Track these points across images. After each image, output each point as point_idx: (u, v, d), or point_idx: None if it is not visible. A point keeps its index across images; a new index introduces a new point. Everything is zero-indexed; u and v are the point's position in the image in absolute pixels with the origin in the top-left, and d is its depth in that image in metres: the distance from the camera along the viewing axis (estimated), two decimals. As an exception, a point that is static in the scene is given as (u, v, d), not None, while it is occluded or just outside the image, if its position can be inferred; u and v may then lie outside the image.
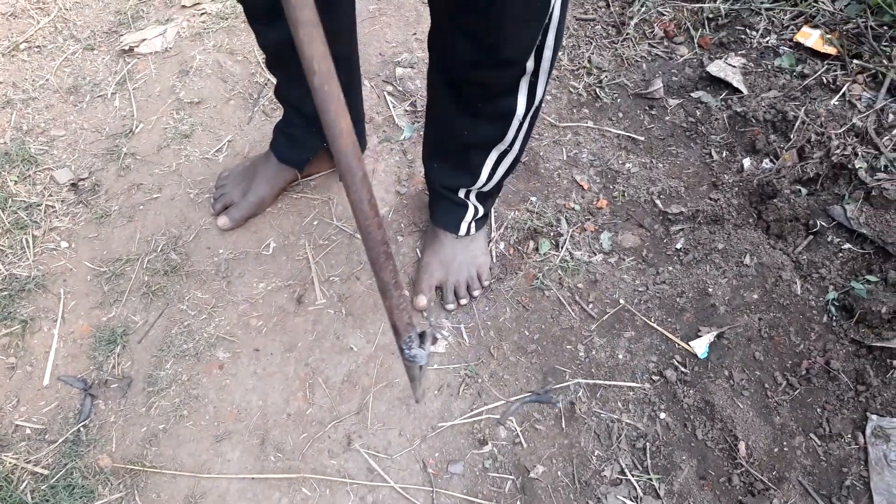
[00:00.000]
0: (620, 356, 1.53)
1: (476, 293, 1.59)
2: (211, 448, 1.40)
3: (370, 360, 1.51)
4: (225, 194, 1.68)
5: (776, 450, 1.40)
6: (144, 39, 2.05)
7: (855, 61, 1.87)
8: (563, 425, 1.44)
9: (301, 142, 1.63)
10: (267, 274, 1.62)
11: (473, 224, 1.57)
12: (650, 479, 1.38)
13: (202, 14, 2.14)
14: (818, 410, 1.44)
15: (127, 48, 2.03)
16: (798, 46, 1.99)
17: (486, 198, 1.53)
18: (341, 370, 1.50)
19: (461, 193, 1.49)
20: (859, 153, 1.65)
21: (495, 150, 1.34)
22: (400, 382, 1.48)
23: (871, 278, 1.54)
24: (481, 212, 1.55)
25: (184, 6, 2.15)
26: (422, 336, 1.21)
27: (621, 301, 1.60)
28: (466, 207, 1.53)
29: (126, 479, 1.35)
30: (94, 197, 1.73)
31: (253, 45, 2.06)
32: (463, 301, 1.58)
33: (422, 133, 1.87)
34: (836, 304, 1.55)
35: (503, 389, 1.48)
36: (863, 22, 1.95)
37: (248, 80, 1.98)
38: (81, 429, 1.40)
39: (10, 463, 1.35)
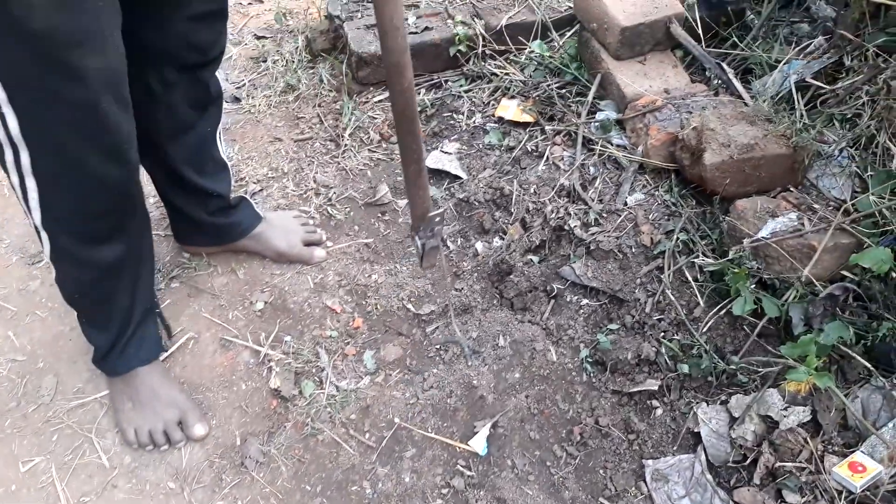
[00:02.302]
0: (407, 479, 1.48)
1: None
2: None
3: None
4: (152, 429, 1.53)
5: (573, 526, 1.41)
6: None
7: (549, 125, 1.99)
8: (365, 576, 1.37)
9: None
10: None
11: None
12: None
13: None
14: (601, 472, 1.47)
15: None
16: (501, 120, 2.09)
17: None
18: None
19: None
20: (571, 212, 1.75)
21: None
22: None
23: (612, 326, 1.61)
24: None
25: None
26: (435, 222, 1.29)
27: (396, 420, 1.57)
28: None
29: None
30: None
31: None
32: None
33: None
34: (590, 360, 1.61)
35: (296, 557, 1.39)
36: (547, 85, 2.10)
37: None
38: None
39: None
